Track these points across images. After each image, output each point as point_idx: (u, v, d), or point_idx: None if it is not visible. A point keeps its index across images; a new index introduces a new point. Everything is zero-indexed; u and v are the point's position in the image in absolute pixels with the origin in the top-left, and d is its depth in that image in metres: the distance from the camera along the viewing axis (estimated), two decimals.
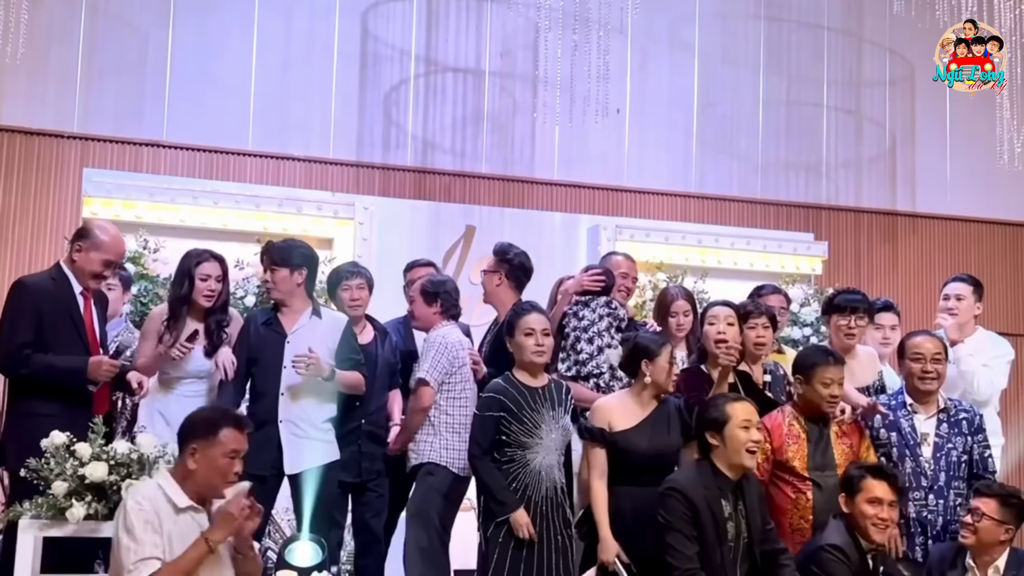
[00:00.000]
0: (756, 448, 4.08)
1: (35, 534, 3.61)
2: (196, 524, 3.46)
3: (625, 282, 5.56)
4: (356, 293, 5.02)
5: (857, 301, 5.17)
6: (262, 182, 7.52)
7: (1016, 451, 8.28)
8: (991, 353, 5.45)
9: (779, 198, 8.68)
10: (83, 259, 4.43)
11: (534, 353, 4.43)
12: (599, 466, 4.31)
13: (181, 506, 3.42)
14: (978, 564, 4.33)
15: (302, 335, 4.66)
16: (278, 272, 4.70)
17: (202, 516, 3.50)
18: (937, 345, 4.75)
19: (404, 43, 8.02)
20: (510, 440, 4.35)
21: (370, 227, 7.32)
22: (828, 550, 4.12)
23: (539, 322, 4.47)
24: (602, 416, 4.39)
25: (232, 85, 7.62)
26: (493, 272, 5.23)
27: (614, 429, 4.34)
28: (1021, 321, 8.95)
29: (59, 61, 7.34)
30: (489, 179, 8.08)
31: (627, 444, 4.31)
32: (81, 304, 4.44)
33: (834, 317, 5.18)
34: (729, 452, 4.05)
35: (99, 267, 4.46)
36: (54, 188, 7.24)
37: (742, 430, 4.04)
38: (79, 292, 4.44)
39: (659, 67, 8.51)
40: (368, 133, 7.91)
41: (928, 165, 9.00)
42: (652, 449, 4.34)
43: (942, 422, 4.65)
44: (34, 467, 3.63)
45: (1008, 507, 4.34)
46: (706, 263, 7.92)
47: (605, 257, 5.87)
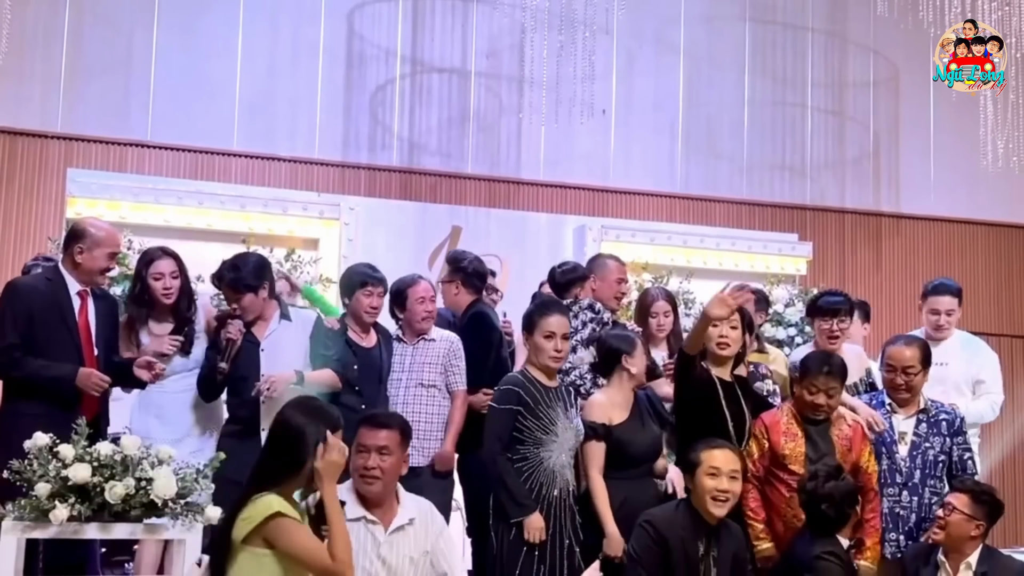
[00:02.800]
0: (724, 497, 3.97)
1: (18, 536, 3.59)
2: (370, 535, 3.62)
3: (621, 287, 5.54)
4: (377, 302, 4.97)
5: (839, 303, 5.18)
6: (247, 182, 7.51)
7: (1000, 449, 8.35)
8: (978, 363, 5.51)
9: (764, 199, 8.71)
10: (88, 259, 4.41)
11: (551, 358, 4.30)
12: (599, 461, 4.33)
13: (351, 516, 3.48)
14: (950, 560, 4.34)
15: (274, 340, 4.68)
16: (244, 298, 4.66)
17: (378, 528, 3.64)
18: (914, 355, 4.70)
19: (390, 43, 8.02)
20: (524, 437, 4.23)
21: (356, 227, 7.32)
22: (824, 559, 4.08)
23: (560, 325, 4.31)
24: (602, 412, 4.42)
25: (217, 85, 7.61)
26: (449, 282, 5.25)
27: (613, 423, 4.38)
28: (1004, 322, 9.01)
29: (43, 61, 7.31)
30: (475, 179, 8.08)
31: (628, 437, 4.36)
32: (76, 305, 4.40)
33: (817, 320, 5.20)
34: (696, 496, 4.03)
35: (106, 262, 4.47)
36: (38, 188, 7.22)
37: (708, 477, 3.98)
38: (76, 293, 4.41)
39: (645, 68, 8.53)
40: (354, 133, 7.91)
41: (912, 166, 9.05)
42: (648, 439, 4.41)
43: (921, 422, 4.68)
44: (17, 468, 3.62)
45: (979, 503, 4.36)
46: (691, 264, 7.95)
47: (596, 259, 5.83)
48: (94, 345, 4.43)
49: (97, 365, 4.38)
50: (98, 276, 4.50)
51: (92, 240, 4.43)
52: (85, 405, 4.31)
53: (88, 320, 4.43)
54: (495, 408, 4.31)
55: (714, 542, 4.02)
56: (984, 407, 5.46)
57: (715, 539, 4.02)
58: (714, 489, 3.98)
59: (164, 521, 3.68)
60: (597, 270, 5.54)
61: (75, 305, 4.40)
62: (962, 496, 4.35)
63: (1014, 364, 8.73)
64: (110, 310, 4.59)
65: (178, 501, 3.67)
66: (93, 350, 4.42)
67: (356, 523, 3.57)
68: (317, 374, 4.66)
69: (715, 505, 3.99)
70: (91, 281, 4.47)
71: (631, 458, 4.36)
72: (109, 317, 4.55)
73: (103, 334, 4.48)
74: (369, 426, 3.70)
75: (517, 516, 4.16)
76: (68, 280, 4.42)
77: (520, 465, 4.22)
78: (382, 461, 3.64)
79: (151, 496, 3.61)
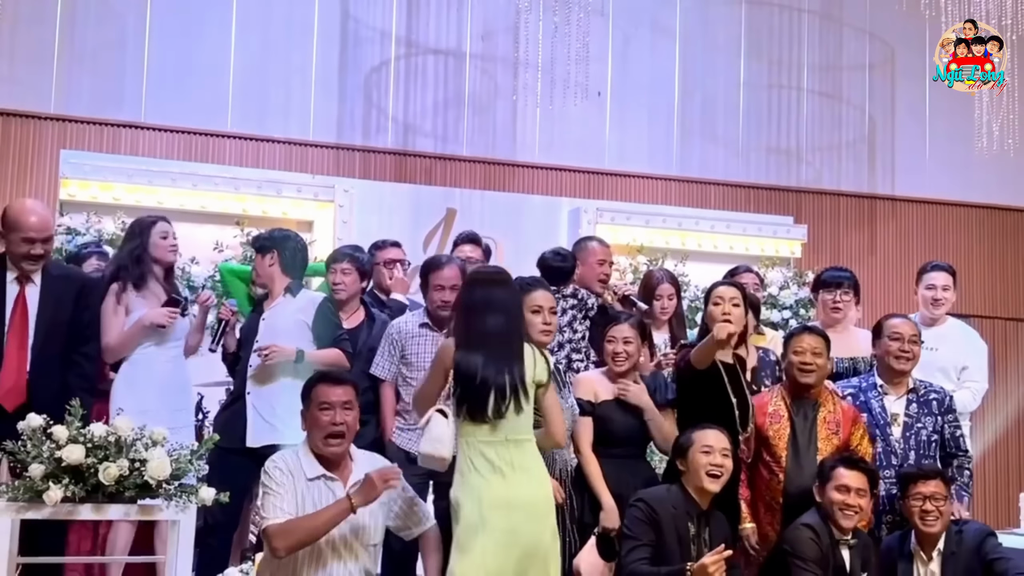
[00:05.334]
0: (718, 472, 4.06)
1: (11, 517, 3.60)
2: (330, 492, 3.67)
3: (603, 268, 5.53)
4: (339, 277, 5.11)
5: (843, 277, 5.45)
6: (241, 164, 7.48)
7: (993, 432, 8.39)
8: (965, 351, 5.58)
9: (759, 181, 8.70)
10: (7, 244, 4.33)
11: (542, 332, 4.23)
12: (588, 436, 4.38)
13: (311, 476, 3.66)
14: (925, 547, 4.36)
15: (275, 312, 4.82)
16: (257, 260, 4.90)
17: (337, 484, 3.70)
18: (913, 327, 4.82)
19: (385, 25, 7.99)
20: None
21: (350, 210, 7.30)
22: (800, 528, 4.21)
23: (547, 299, 4.29)
24: (587, 388, 4.47)
25: (211, 66, 7.57)
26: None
27: (599, 399, 4.43)
28: (998, 304, 9.03)
29: (36, 41, 7.27)
30: (470, 162, 8.06)
31: (610, 414, 4.42)
32: (11, 293, 4.32)
33: (821, 293, 5.44)
34: (691, 475, 4.09)
35: (22, 247, 4.31)
36: (31, 170, 7.19)
37: (702, 454, 4.06)
38: (13, 279, 4.34)
39: (640, 50, 8.51)
40: (348, 115, 7.88)
41: (907, 148, 9.04)
42: (631, 420, 4.43)
43: (911, 402, 4.71)
44: (10, 449, 3.62)
45: (947, 483, 4.44)
46: (686, 246, 7.95)
47: (579, 242, 5.82)
48: (30, 333, 4.30)
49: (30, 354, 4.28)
50: (23, 262, 4.34)
51: (8, 225, 4.34)
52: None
53: (27, 307, 4.32)
54: None
55: (704, 524, 4.07)
56: (967, 397, 5.52)
57: (705, 522, 4.08)
58: (708, 464, 4.05)
59: (158, 502, 3.69)
60: (579, 253, 5.53)
61: (10, 294, 4.31)
62: (940, 483, 4.38)
63: (1007, 347, 8.77)
64: (70, 290, 4.46)
65: (172, 482, 3.68)
66: (27, 338, 4.30)
67: (315, 482, 3.69)
68: (321, 353, 4.74)
69: (710, 480, 4.05)
70: (20, 268, 4.35)
71: (614, 437, 4.40)
72: (64, 299, 4.42)
73: (53, 319, 4.36)
74: (327, 383, 3.77)
75: None
76: (8, 266, 4.35)
77: None
78: (347, 416, 3.73)
79: (145, 477, 3.61)
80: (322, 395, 3.73)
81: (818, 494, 4.28)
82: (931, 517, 4.30)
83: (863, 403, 4.71)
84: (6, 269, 4.35)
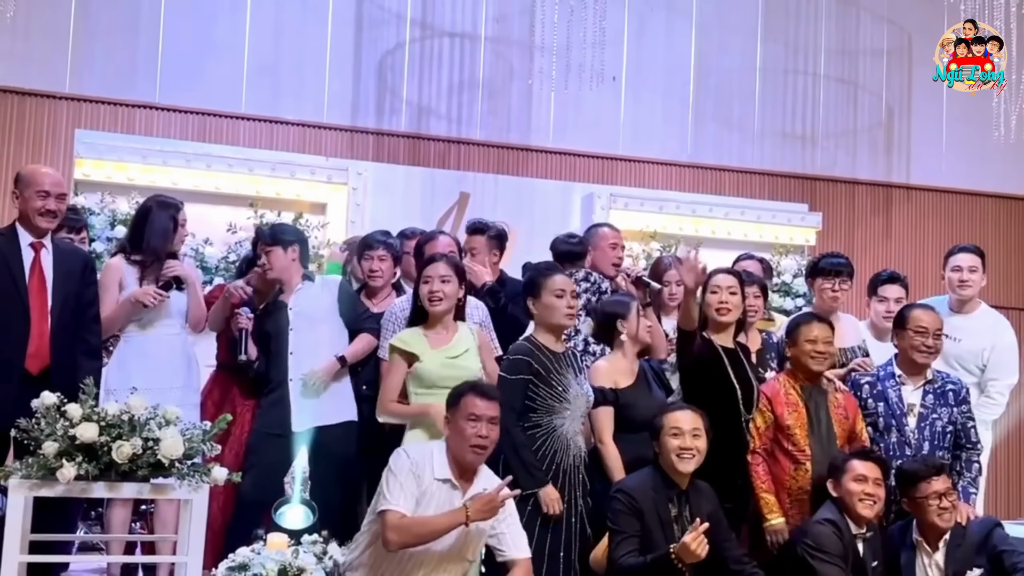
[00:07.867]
0: (688, 454, 4.08)
1: (25, 494, 3.61)
2: (450, 497, 3.72)
3: (615, 252, 5.53)
4: (376, 264, 5.11)
5: (841, 265, 5.28)
6: (255, 146, 7.48)
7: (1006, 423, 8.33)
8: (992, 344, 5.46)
9: (774, 168, 8.65)
10: (22, 203, 4.34)
11: (566, 316, 4.27)
12: (610, 426, 4.39)
13: (439, 477, 3.73)
14: (930, 538, 4.34)
15: (300, 299, 4.85)
16: (272, 251, 4.85)
17: (457, 493, 3.74)
18: (938, 320, 4.73)
19: (400, 7, 7.96)
20: (537, 405, 4.19)
21: (364, 192, 7.30)
22: (822, 523, 4.19)
23: (567, 283, 4.33)
24: (607, 376, 4.46)
25: (226, 48, 7.57)
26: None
27: (619, 387, 4.43)
28: (1013, 294, 8.96)
29: (51, 21, 7.27)
30: (484, 146, 8.04)
31: (633, 401, 4.41)
32: (28, 258, 4.31)
33: (818, 280, 5.29)
34: (663, 457, 4.12)
35: (38, 201, 4.31)
36: (46, 149, 7.19)
37: (672, 437, 4.10)
38: (28, 244, 4.34)
39: (655, 34, 8.46)
40: (363, 98, 7.86)
41: (923, 136, 8.98)
42: (655, 404, 4.42)
43: (928, 393, 4.66)
44: (25, 427, 3.63)
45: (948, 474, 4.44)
46: (700, 233, 7.92)
47: (590, 228, 5.82)
48: (48, 298, 4.32)
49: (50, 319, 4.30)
50: (38, 219, 4.33)
51: (23, 183, 4.37)
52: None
53: (43, 273, 4.33)
54: (506, 379, 4.23)
55: (685, 503, 4.11)
56: (991, 409, 5.43)
57: (686, 500, 4.11)
58: (678, 447, 4.09)
59: (171, 481, 3.70)
60: (591, 239, 5.54)
61: (27, 258, 4.32)
62: (945, 476, 4.37)
63: (1022, 337, 8.71)
64: (77, 265, 4.47)
65: (184, 462, 3.70)
66: (46, 303, 4.31)
67: (441, 484, 3.75)
68: (358, 348, 4.82)
69: (680, 461, 4.09)
70: (37, 228, 4.35)
71: (637, 423, 4.37)
72: (74, 272, 4.44)
73: (65, 288, 4.37)
74: (477, 395, 3.79)
75: (532, 488, 4.10)
76: (20, 232, 4.36)
77: (533, 433, 4.19)
78: (493, 430, 3.78)
79: (158, 456, 3.63)
80: (471, 407, 3.76)
81: (833, 488, 4.28)
82: (948, 513, 4.30)
83: (880, 392, 4.67)
84: (19, 236, 4.36)
